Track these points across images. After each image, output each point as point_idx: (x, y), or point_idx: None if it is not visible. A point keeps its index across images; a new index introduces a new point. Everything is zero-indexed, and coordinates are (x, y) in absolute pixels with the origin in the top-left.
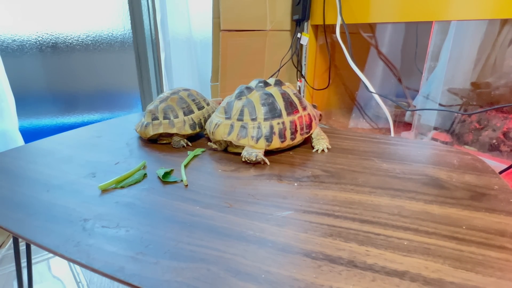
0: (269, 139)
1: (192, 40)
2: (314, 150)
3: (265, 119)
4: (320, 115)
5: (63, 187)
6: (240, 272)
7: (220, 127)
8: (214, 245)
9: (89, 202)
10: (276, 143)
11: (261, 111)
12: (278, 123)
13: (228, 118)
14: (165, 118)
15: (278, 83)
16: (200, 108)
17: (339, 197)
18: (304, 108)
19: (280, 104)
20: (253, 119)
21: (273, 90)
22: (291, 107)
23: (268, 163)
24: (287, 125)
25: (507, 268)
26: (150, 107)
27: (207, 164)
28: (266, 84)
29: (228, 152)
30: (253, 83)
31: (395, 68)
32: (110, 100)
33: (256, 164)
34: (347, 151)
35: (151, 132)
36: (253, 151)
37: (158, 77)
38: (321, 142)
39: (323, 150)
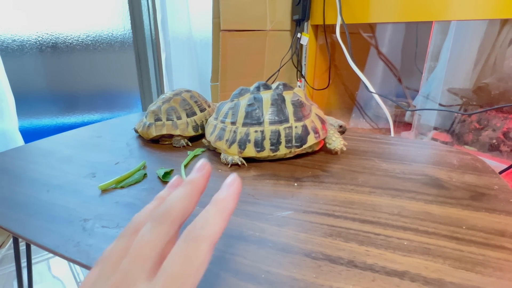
0: (242, 146)
1: (192, 40)
2: (333, 150)
3: (244, 125)
4: (341, 126)
5: (63, 187)
6: (240, 272)
7: (208, 126)
8: None
9: (89, 202)
10: (250, 152)
11: (242, 116)
12: (256, 131)
13: (216, 118)
14: (168, 119)
15: (280, 87)
16: (202, 110)
17: (339, 197)
18: (300, 119)
19: (266, 111)
20: (233, 123)
21: (266, 95)
22: (279, 115)
23: (246, 164)
24: (267, 134)
25: (507, 268)
26: (153, 107)
27: None
28: (266, 87)
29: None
30: (253, 85)
31: (395, 68)
32: (110, 100)
33: (233, 165)
34: (347, 151)
35: (154, 133)
36: (229, 156)
37: (158, 77)
38: (336, 141)
39: (336, 152)
